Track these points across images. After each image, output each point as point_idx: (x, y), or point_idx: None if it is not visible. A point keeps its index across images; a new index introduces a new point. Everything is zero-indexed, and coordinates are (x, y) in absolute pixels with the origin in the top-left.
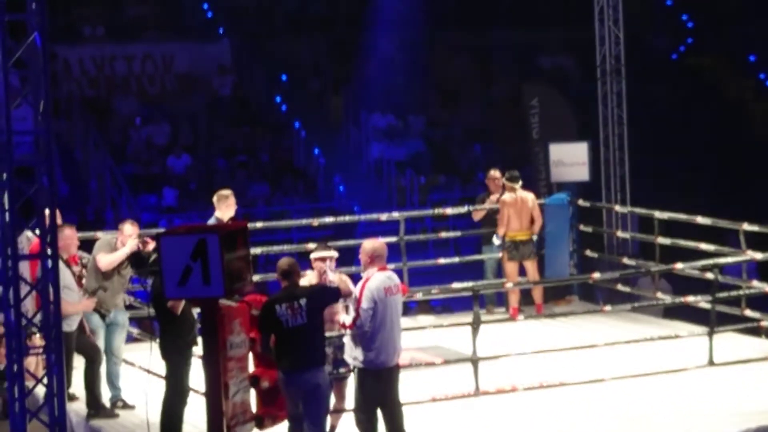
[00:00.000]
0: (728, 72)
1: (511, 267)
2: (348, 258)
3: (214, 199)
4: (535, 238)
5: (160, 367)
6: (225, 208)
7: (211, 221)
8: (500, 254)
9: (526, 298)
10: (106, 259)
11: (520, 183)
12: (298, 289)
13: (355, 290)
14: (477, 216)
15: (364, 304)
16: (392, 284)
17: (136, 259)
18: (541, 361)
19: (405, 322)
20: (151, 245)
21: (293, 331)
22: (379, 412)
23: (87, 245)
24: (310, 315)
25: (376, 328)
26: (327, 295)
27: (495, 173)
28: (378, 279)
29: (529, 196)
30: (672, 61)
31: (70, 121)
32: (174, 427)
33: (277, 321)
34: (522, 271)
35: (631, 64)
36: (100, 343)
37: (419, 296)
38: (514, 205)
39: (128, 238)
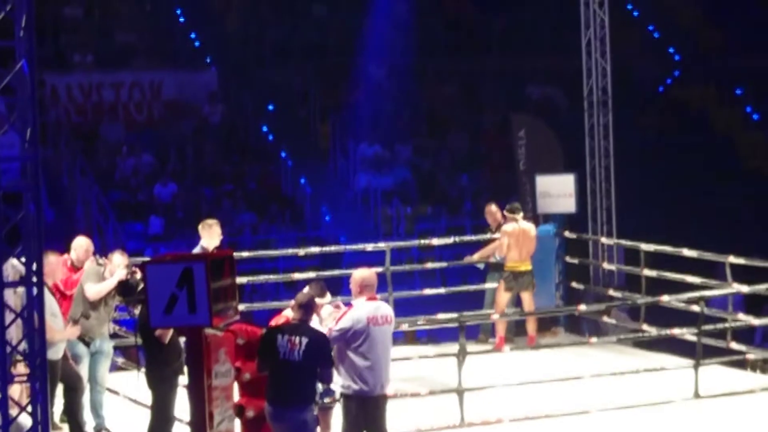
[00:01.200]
0: (715, 104)
1: (504, 297)
2: (334, 287)
3: (200, 227)
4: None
5: (145, 395)
6: (210, 236)
7: (197, 250)
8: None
9: (519, 328)
10: (94, 289)
11: (521, 214)
12: (305, 327)
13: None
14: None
15: (337, 326)
16: (378, 314)
17: (123, 287)
18: (527, 392)
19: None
20: (139, 274)
21: (286, 365)
22: None
23: None
24: (306, 355)
25: (362, 356)
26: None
27: (492, 207)
28: (363, 308)
29: (531, 228)
30: (659, 92)
31: (57, 147)
32: None
33: (274, 350)
34: (518, 302)
35: (619, 96)
36: (84, 371)
37: (405, 327)
38: (515, 235)
39: (117, 268)
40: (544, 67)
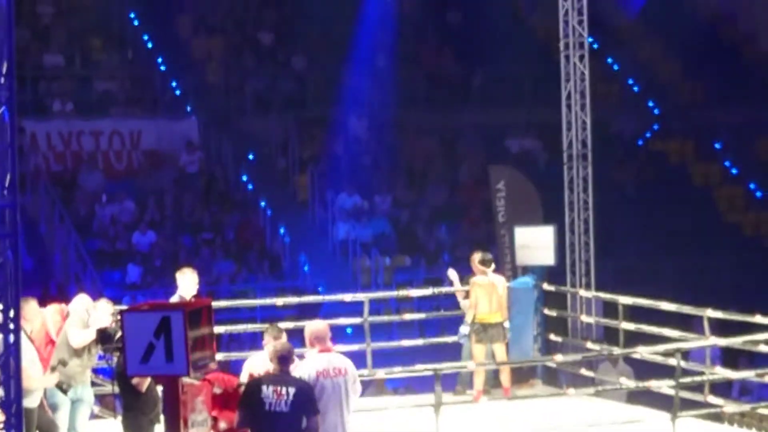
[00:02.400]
0: (694, 158)
1: (478, 350)
2: None
3: (177, 275)
4: (506, 324)
5: None
6: (187, 284)
7: (174, 298)
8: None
9: (497, 380)
10: (79, 337)
11: (493, 266)
12: (289, 377)
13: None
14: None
15: None
16: (331, 367)
17: (102, 335)
18: None
19: (366, 402)
20: None
21: (273, 416)
22: None
23: None
24: (294, 406)
25: None
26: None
27: (478, 256)
28: (313, 362)
29: (500, 280)
30: (638, 146)
31: (36, 195)
32: None
33: (260, 401)
34: (491, 354)
35: (598, 149)
36: (63, 419)
37: (381, 375)
38: (485, 287)
39: (103, 315)
40: (524, 120)
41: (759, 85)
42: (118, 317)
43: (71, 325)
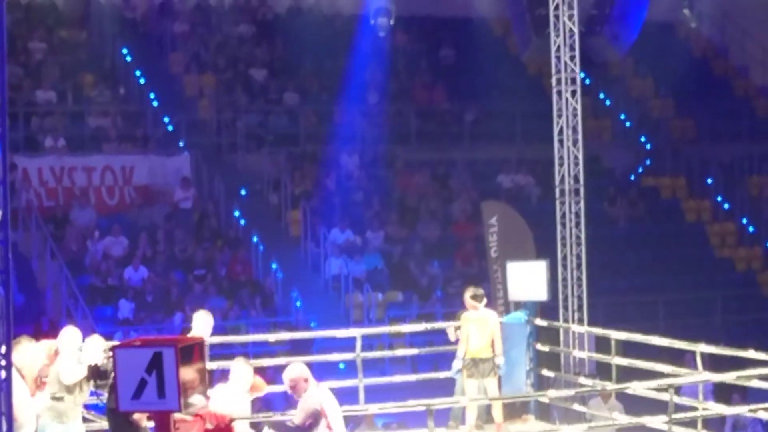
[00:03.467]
0: (686, 193)
1: (470, 385)
2: None
3: (194, 316)
4: (498, 360)
5: None
6: (202, 326)
7: None
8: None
9: (487, 416)
10: (71, 373)
11: (485, 302)
12: None
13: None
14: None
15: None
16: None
17: (95, 372)
18: None
19: None
20: None
21: None
22: None
23: None
24: None
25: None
26: None
27: (469, 291)
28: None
29: (491, 316)
30: (630, 181)
31: (27, 231)
32: None
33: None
34: (483, 390)
35: (590, 184)
36: None
37: (375, 409)
38: (476, 322)
39: (94, 352)
40: (516, 156)
41: (750, 121)
42: (110, 353)
43: (62, 361)
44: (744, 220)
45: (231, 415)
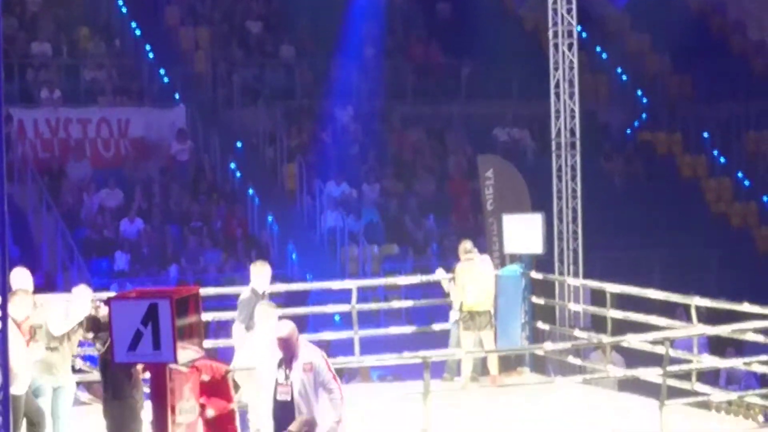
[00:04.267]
0: (682, 149)
1: (467, 337)
2: (299, 325)
3: (251, 267)
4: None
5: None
6: (261, 278)
7: (247, 291)
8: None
9: (485, 368)
10: (60, 325)
11: (477, 254)
12: None
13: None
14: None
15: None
16: None
17: (93, 323)
18: (492, 431)
19: (355, 389)
20: (104, 309)
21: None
22: None
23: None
24: None
25: None
26: None
27: (464, 245)
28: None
29: (488, 268)
30: (626, 136)
31: (23, 184)
32: None
33: None
34: (479, 342)
35: (586, 140)
36: (46, 406)
37: (371, 361)
38: (471, 275)
39: (81, 301)
40: (512, 111)
41: (747, 78)
42: (97, 304)
43: (51, 313)
44: (740, 175)
45: (227, 367)
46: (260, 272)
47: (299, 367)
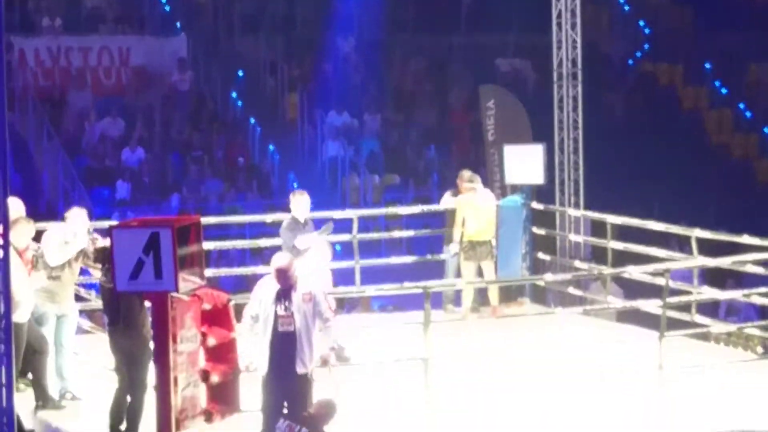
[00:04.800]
0: (683, 81)
1: (467, 268)
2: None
3: (291, 197)
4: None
5: (110, 360)
6: (301, 207)
7: (287, 220)
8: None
9: (482, 298)
10: (56, 256)
11: (480, 184)
12: None
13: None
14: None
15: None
16: None
17: (102, 254)
18: (491, 362)
19: (356, 319)
20: (100, 242)
21: None
22: None
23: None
24: None
25: None
26: None
27: (464, 174)
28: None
29: (489, 199)
30: (628, 66)
31: (24, 113)
32: (138, 419)
33: None
34: (479, 273)
35: (588, 70)
36: (50, 333)
37: (372, 291)
38: (472, 206)
39: (77, 224)
40: (513, 41)
41: (750, 9)
42: (95, 237)
43: (47, 243)
44: (741, 106)
45: (228, 295)
46: (299, 201)
47: (299, 298)
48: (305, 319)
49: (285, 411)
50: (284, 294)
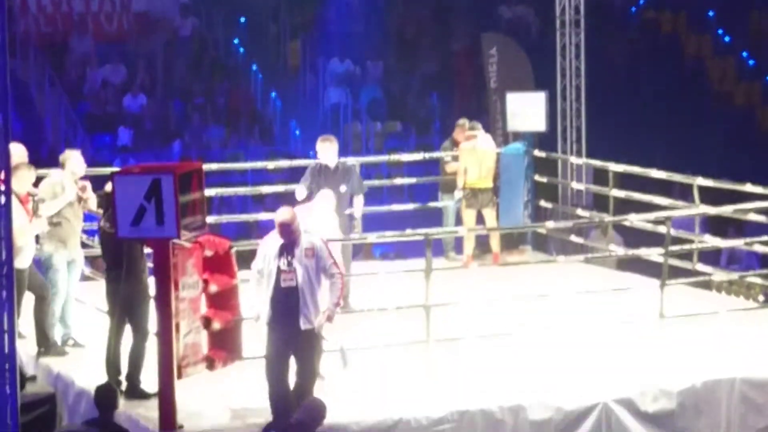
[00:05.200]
0: (686, 27)
1: (468, 215)
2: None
3: (318, 142)
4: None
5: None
6: (329, 153)
7: (312, 166)
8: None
9: (483, 246)
10: (48, 205)
11: (481, 131)
12: None
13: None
14: (450, 169)
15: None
16: None
17: (105, 200)
18: (493, 309)
19: (357, 267)
20: (89, 190)
21: None
22: None
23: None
24: None
25: None
26: None
27: (465, 123)
28: None
29: (490, 146)
30: (631, 14)
31: (26, 59)
32: (140, 366)
33: None
34: (480, 220)
35: (591, 18)
36: (62, 280)
37: (373, 238)
38: (474, 154)
39: (73, 165)
40: None
41: None
42: (82, 184)
43: (43, 194)
44: (744, 54)
45: (230, 242)
46: (324, 148)
47: (301, 253)
48: (308, 274)
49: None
50: (287, 248)
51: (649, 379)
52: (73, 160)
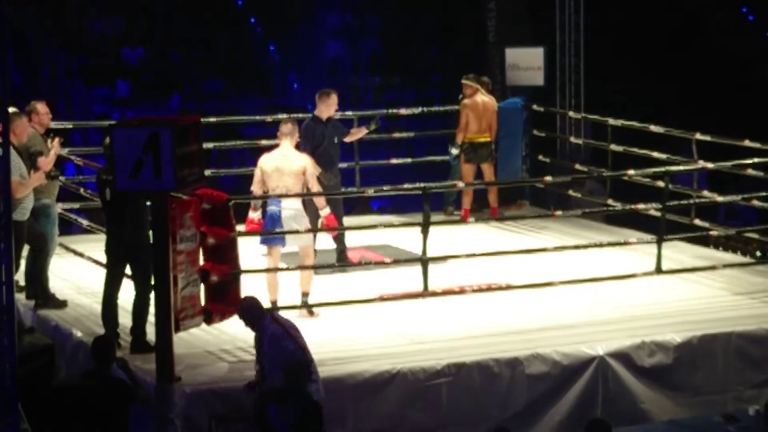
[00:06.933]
0: None
1: (467, 169)
2: None
3: (317, 96)
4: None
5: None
6: (326, 106)
7: (307, 120)
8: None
9: (481, 201)
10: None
11: (482, 85)
12: None
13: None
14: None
15: None
16: None
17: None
18: (490, 263)
19: (355, 221)
20: (57, 146)
21: None
22: None
23: None
24: None
25: None
26: None
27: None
28: None
29: (490, 101)
30: None
31: (23, 8)
32: (145, 317)
33: None
34: (479, 175)
35: None
36: (55, 225)
37: (371, 192)
38: (474, 108)
39: (44, 116)
40: None
41: None
42: (58, 141)
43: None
44: (744, 9)
45: (228, 195)
46: (325, 101)
47: None
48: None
49: None
50: None
51: (645, 333)
52: (41, 110)
